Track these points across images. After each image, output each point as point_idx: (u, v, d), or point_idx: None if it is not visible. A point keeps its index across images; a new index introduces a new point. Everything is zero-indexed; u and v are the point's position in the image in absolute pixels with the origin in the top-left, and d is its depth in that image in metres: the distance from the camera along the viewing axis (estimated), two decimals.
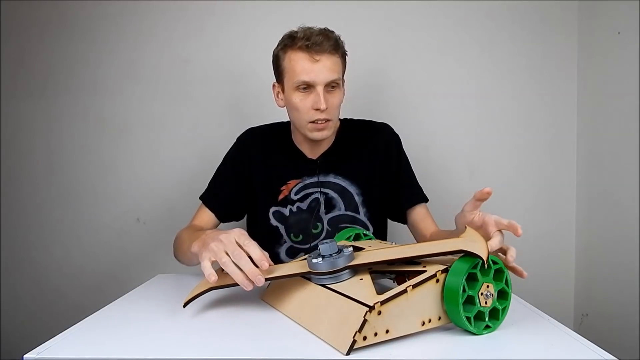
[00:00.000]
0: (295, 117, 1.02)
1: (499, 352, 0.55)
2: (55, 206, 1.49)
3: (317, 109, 0.97)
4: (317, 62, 0.96)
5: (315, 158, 1.09)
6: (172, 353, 0.55)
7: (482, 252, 0.58)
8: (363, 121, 1.16)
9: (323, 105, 0.96)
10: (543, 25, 1.47)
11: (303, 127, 1.02)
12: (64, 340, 0.59)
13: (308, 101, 0.98)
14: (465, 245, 0.60)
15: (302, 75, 0.96)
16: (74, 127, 1.49)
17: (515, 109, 1.49)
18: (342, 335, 0.54)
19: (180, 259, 1.01)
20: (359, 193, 1.08)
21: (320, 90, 0.97)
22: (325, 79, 0.97)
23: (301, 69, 0.96)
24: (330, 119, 1.00)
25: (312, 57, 0.96)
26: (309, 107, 0.98)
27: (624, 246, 1.24)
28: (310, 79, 0.96)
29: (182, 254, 0.96)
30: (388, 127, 1.14)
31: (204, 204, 1.09)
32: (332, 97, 0.99)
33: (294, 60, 0.98)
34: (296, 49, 0.97)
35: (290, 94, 1.00)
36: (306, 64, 0.96)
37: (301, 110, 0.99)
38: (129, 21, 1.48)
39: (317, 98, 0.97)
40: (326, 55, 0.97)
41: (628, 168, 1.23)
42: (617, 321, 1.27)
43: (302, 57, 0.96)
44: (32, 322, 1.49)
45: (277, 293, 0.73)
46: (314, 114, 0.98)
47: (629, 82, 1.22)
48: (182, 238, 0.99)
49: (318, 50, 0.96)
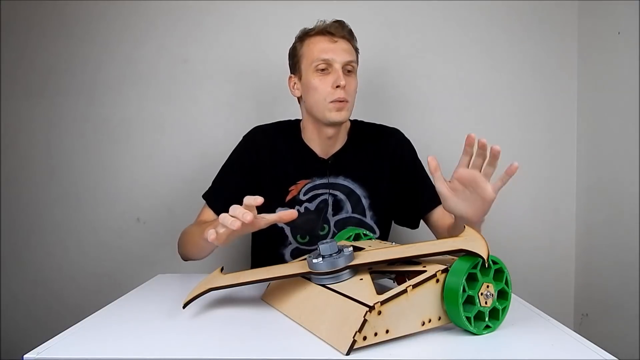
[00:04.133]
0: (315, 99, 1.03)
1: (499, 352, 0.55)
2: (55, 206, 1.49)
3: (337, 86, 0.99)
4: (335, 43, 1.02)
5: (327, 158, 1.09)
6: (172, 353, 0.55)
7: (482, 251, 0.58)
8: (374, 125, 1.16)
9: (342, 81, 0.99)
10: (543, 25, 1.47)
11: (322, 109, 1.02)
12: (64, 340, 0.59)
13: (327, 81, 1.01)
14: (464, 244, 0.60)
15: (322, 54, 1.01)
16: (73, 127, 1.49)
17: (515, 109, 1.49)
18: (342, 335, 0.54)
19: (187, 252, 1.02)
20: (367, 196, 1.08)
21: (339, 68, 1.00)
22: (343, 59, 1.01)
23: (320, 49, 1.01)
24: (348, 100, 1.02)
25: (331, 39, 1.02)
26: (329, 85, 1.01)
27: (624, 246, 1.24)
28: (330, 57, 1.00)
29: (192, 245, 0.99)
30: (399, 133, 1.14)
31: (207, 203, 1.08)
32: (349, 80, 1.02)
33: (312, 44, 1.03)
34: (314, 34, 1.04)
35: (309, 77, 1.02)
36: (325, 44, 1.02)
37: (320, 91, 1.01)
38: (129, 21, 1.48)
39: (336, 75, 1.00)
40: (343, 40, 1.03)
41: (628, 168, 1.23)
42: (617, 321, 1.27)
43: (321, 40, 1.02)
44: (32, 322, 1.49)
45: (277, 293, 0.73)
46: (333, 92, 1.00)
47: (629, 82, 1.22)
48: (190, 232, 1.02)
49: (336, 33, 1.02)
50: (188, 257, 1.04)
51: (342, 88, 0.99)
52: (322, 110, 1.02)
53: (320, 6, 1.44)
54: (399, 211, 1.13)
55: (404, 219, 1.15)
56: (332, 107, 1.01)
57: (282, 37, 1.23)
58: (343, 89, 1.00)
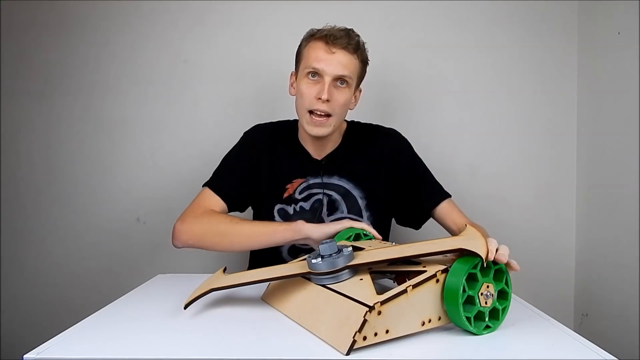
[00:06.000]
0: (299, 104, 1.03)
1: (499, 352, 0.55)
2: (55, 206, 1.49)
3: (319, 98, 0.98)
4: (332, 54, 0.99)
5: (320, 159, 1.09)
6: (172, 353, 0.55)
7: (480, 249, 0.58)
8: (370, 125, 1.16)
9: (325, 94, 0.97)
10: (543, 25, 1.47)
11: (302, 116, 1.03)
12: (64, 340, 0.59)
13: (314, 90, 0.99)
14: (463, 243, 0.60)
15: (314, 62, 0.99)
16: (73, 127, 1.49)
17: (515, 109, 1.49)
18: (342, 335, 0.54)
19: (214, 243, 1.00)
20: (363, 197, 1.08)
21: (327, 81, 0.98)
22: (334, 72, 0.98)
23: (315, 57, 0.99)
24: (331, 115, 1.00)
25: (329, 49, 0.99)
26: (313, 95, 0.99)
27: (624, 246, 1.24)
28: (321, 67, 0.98)
29: (234, 234, 0.97)
30: (396, 133, 1.14)
31: (212, 190, 1.05)
32: (338, 93, 1.00)
33: (311, 48, 1.01)
34: (316, 39, 1.01)
35: (300, 80, 1.02)
36: (321, 52, 0.99)
37: (304, 97, 1.00)
38: (129, 21, 1.48)
39: (322, 87, 0.98)
40: (343, 51, 0.99)
41: (628, 167, 1.23)
42: (617, 321, 1.27)
43: (319, 47, 1.00)
44: (32, 322, 1.49)
45: (277, 293, 0.73)
46: (315, 102, 0.99)
47: (629, 82, 1.22)
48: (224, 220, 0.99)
49: (335, 43, 0.98)
50: (208, 247, 1.02)
51: (324, 102, 0.98)
52: (302, 117, 1.03)
53: (321, 6, 1.44)
54: (401, 211, 1.13)
55: (407, 218, 1.14)
56: (309, 119, 1.00)
57: (282, 37, 1.23)
58: (325, 102, 0.98)
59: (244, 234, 0.97)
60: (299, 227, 0.92)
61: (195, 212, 1.02)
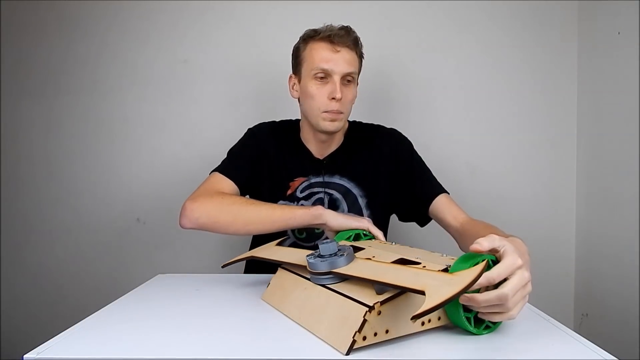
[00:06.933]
0: (310, 106, 1.03)
1: (499, 352, 0.55)
2: (55, 206, 1.49)
3: (332, 98, 1.00)
4: (337, 53, 1.00)
5: (322, 158, 1.10)
6: (172, 353, 0.55)
7: (439, 300, 0.47)
8: (372, 125, 1.17)
9: (339, 94, 0.99)
10: (543, 25, 1.47)
11: (316, 116, 1.03)
12: (64, 340, 0.59)
13: (324, 90, 1.01)
14: (434, 287, 0.50)
15: (322, 63, 1.00)
16: (73, 127, 1.49)
17: (515, 109, 1.49)
18: (342, 335, 0.54)
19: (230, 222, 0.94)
20: (363, 195, 1.08)
21: (337, 80, 1.00)
22: (343, 70, 1.00)
23: (321, 58, 1.00)
24: (343, 112, 1.03)
25: (334, 48, 1.00)
26: (325, 96, 1.01)
27: (624, 246, 1.24)
28: (329, 68, 0.99)
29: (250, 216, 0.93)
30: (397, 133, 1.15)
31: (224, 174, 1.03)
32: (347, 90, 1.02)
33: (314, 50, 1.01)
34: (318, 39, 1.01)
35: (307, 83, 1.02)
36: (327, 53, 1.00)
37: (316, 99, 1.01)
38: (128, 21, 1.48)
39: (333, 87, 1.00)
40: (346, 49, 1.01)
41: (628, 168, 1.23)
42: (617, 321, 1.27)
43: (324, 47, 1.00)
44: (32, 322, 1.49)
45: (277, 293, 0.73)
46: (328, 103, 1.01)
47: (629, 82, 1.22)
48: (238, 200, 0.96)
49: (339, 42, 1.00)
50: (220, 228, 0.95)
51: (338, 101, 1.00)
52: (315, 118, 1.03)
53: (320, 6, 1.45)
54: (403, 208, 1.13)
55: (409, 215, 1.14)
56: (326, 116, 1.02)
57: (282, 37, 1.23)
58: (339, 101, 1.00)
59: (260, 216, 0.93)
60: (319, 212, 0.91)
61: (207, 192, 0.98)
